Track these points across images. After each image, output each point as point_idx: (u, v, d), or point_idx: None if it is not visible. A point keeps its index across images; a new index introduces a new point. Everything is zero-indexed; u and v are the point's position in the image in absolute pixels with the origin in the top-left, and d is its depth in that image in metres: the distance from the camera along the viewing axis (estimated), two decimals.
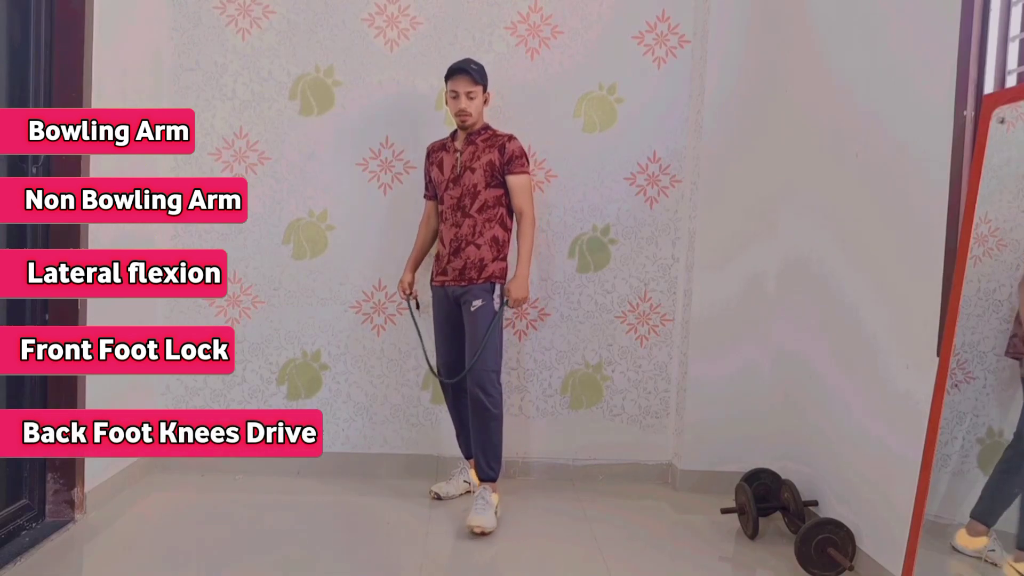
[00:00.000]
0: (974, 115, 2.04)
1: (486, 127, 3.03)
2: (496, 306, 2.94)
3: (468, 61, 2.94)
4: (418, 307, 3.22)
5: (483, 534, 2.74)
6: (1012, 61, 2.02)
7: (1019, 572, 1.73)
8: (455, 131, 3.05)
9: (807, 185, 3.02)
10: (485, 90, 2.97)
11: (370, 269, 3.36)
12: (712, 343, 3.25)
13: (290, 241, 3.35)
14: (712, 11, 3.18)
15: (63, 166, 2.64)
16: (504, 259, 3.01)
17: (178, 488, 3.14)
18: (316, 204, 3.34)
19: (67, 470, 2.71)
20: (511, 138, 2.99)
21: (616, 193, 3.36)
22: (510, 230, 3.04)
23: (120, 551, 2.55)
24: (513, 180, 2.95)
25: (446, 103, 3.03)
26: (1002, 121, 1.81)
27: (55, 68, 2.63)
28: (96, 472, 2.84)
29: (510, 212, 3.02)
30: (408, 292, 3.15)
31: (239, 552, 2.57)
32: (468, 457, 3.17)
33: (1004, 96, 1.81)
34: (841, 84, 2.76)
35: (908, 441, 2.22)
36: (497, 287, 2.97)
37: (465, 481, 3.13)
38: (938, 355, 2.01)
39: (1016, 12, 2.01)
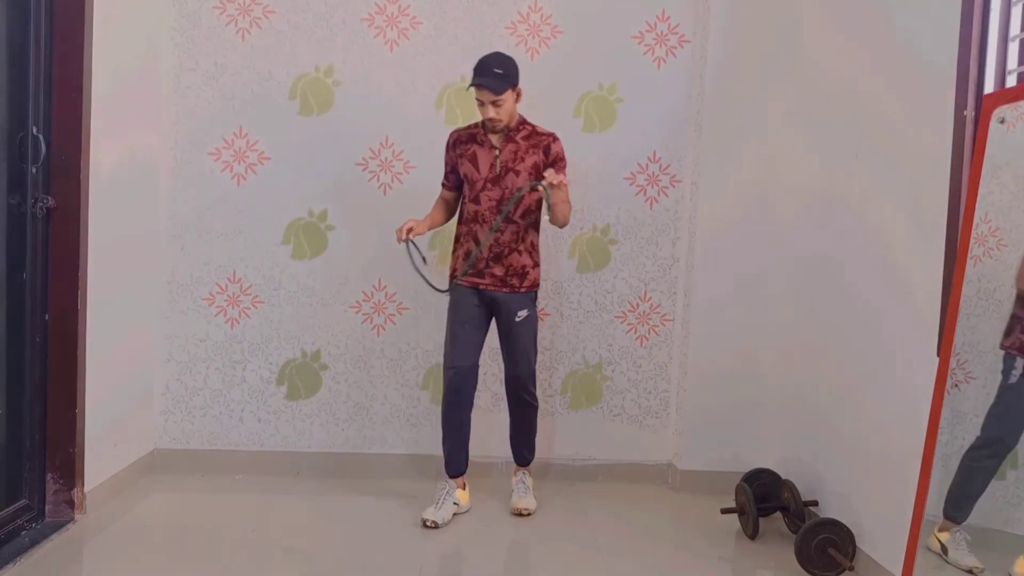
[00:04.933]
0: (974, 115, 2.04)
1: (523, 122, 2.88)
2: (536, 313, 2.98)
3: (488, 67, 2.72)
4: (421, 257, 2.89)
5: (528, 514, 2.95)
6: (1012, 61, 2.02)
7: None
8: (484, 120, 2.86)
9: (807, 185, 3.02)
10: (514, 88, 2.77)
11: (370, 269, 3.36)
12: (712, 343, 3.25)
13: (290, 241, 3.34)
14: (712, 11, 3.18)
15: (63, 167, 2.64)
16: (539, 264, 2.98)
17: (178, 488, 3.14)
18: (316, 204, 3.34)
19: (67, 470, 2.70)
20: (555, 139, 2.88)
21: (616, 193, 3.36)
22: (539, 232, 2.97)
23: (120, 551, 2.55)
24: None
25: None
26: (1002, 121, 1.81)
27: (55, 68, 2.62)
28: (96, 472, 2.84)
29: (540, 214, 2.93)
30: (406, 236, 2.81)
31: (239, 552, 2.57)
32: (457, 475, 2.96)
33: (1004, 96, 1.81)
34: (841, 84, 2.76)
35: (908, 441, 2.22)
36: (535, 294, 2.98)
37: (455, 503, 2.91)
38: (938, 355, 2.01)
39: (1016, 12, 2.02)
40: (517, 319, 2.90)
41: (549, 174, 2.68)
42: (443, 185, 3.01)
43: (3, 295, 2.53)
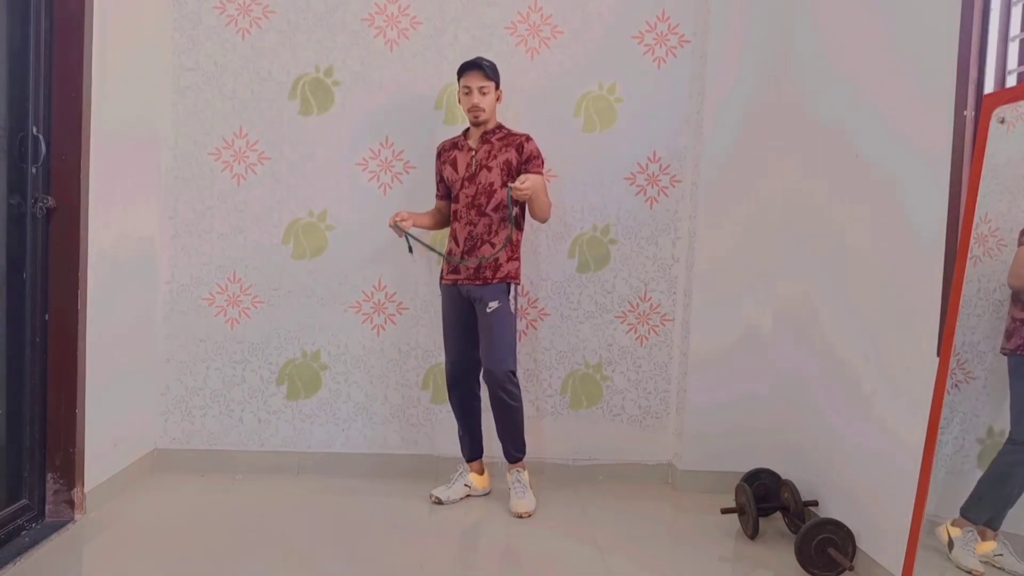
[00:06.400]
0: (974, 115, 2.04)
1: (500, 126, 3.05)
2: (512, 307, 2.99)
3: (480, 58, 2.98)
4: (410, 243, 3.01)
5: (528, 516, 2.94)
6: (1012, 61, 2.02)
7: None
8: (467, 129, 3.08)
9: (807, 185, 3.02)
10: (497, 87, 3.00)
11: (370, 269, 3.36)
12: (712, 343, 3.25)
13: (290, 241, 3.35)
14: (712, 11, 3.18)
15: (63, 167, 2.64)
16: (518, 259, 3.04)
17: (178, 488, 3.14)
18: (316, 204, 3.34)
19: (67, 470, 2.71)
20: (528, 138, 3.02)
21: (616, 193, 3.36)
22: (523, 230, 3.08)
23: (120, 551, 2.55)
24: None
25: (458, 101, 3.07)
26: (1002, 121, 1.81)
27: (55, 68, 2.62)
28: (96, 472, 2.84)
29: (523, 213, 3.07)
30: (394, 222, 2.95)
31: (239, 552, 2.57)
32: (470, 460, 3.15)
33: (1004, 96, 1.81)
34: (841, 84, 2.76)
35: (908, 441, 2.22)
36: (512, 288, 3.01)
37: (466, 485, 3.10)
38: (938, 355, 2.01)
39: (1016, 12, 2.02)
40: (488, 310, 2.95)
41: (518, 181, 2.86)
42: (436, 197, 3.19)
43: (3, 295, 2.54)
